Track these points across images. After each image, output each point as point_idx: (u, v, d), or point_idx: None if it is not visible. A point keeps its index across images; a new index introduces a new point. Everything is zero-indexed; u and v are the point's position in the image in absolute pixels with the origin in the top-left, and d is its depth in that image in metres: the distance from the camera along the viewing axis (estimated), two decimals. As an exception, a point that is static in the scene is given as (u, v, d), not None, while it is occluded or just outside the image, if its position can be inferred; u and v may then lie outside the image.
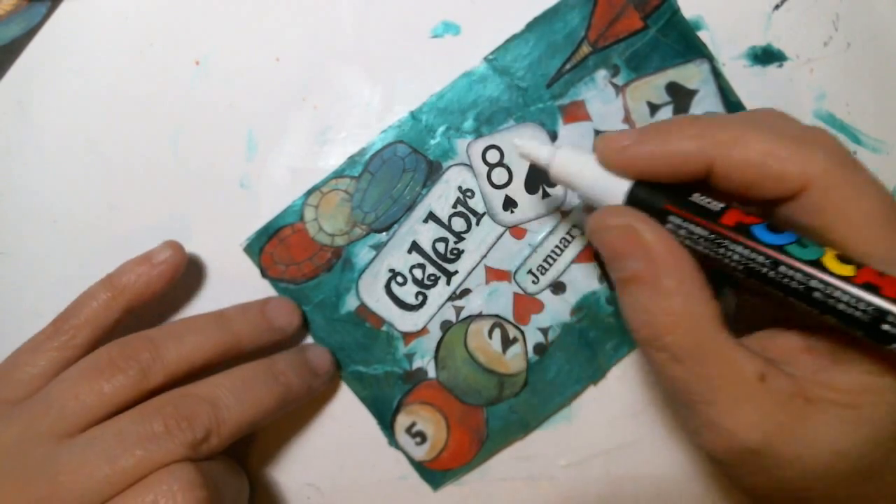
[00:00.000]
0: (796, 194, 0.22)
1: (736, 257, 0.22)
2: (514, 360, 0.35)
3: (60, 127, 0.32)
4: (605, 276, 0.34)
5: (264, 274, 0.33)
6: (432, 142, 0.33)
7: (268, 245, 0.33)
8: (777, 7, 0.34)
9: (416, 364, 0.34)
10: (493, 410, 0.35)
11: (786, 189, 0.22)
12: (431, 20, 0.33)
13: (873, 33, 0.35)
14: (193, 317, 0.31)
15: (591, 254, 0.34)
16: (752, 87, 0.34)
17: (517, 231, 0.34)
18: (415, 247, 0.34)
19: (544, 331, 0.35)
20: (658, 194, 0.24)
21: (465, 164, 0.34)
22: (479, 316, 0.35)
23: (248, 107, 0.32)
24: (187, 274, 0.33)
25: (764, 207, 0.23)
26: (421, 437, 0.34)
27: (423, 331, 0.34)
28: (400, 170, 0.33)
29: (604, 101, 0.34)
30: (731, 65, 0.34)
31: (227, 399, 0.28)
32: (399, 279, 0.34)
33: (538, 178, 0.34)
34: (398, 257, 0.34)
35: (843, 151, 0.22)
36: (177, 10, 0.32)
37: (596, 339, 0.34)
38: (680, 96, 0.34)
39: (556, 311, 0.34)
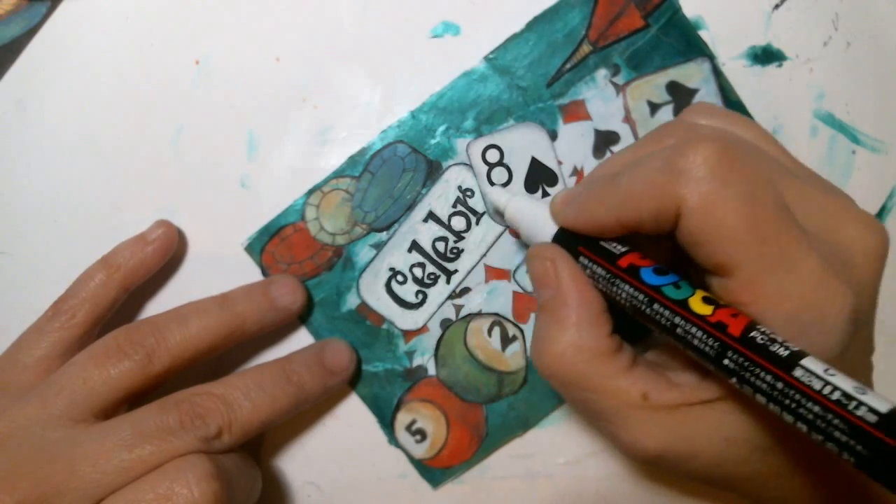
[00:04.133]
0: (675, 224, 0.24)
1: (624, 295, 0.25)
2: (513, 358, 0.35)
3: (61, 126, 0.32)
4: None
5: (265, 273, 0.33)
6: (432, 141, 0.33)
7: (269, 244, 0.33)
8: (777, 7, 0.34)
9: (417, 362, 0.35)
10: (493, 408, 0.35)
11: (664, 222, 0.24)
12: (431, 20, 0.33)
13: (873, 33, 0.35)
14: (198, 300, 0.31)
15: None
16: (752, 86, 0.34)
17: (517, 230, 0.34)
18: (415, 246, 0.34)
19: (544, 329, 0.35)
20: (575, 237, 0.27)
21: (465, 164, 0.34)
22: (479, 314, 0.35)
23: (248, 107, 0.32)
24: (188, 274, 0.33)
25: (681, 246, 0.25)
26: (421, 434, 0.35)
27: (423, 329, 0.34)
28: (400, 169, 0.33)
29: (604, 100, 0.34)
30: (731, 64, 0.34)
31: (241, 400, 0.29)
32: (399, 278, 0.34)
33: (538, 178, 0.34)
34: (398, 256, 0.34)
35: (712, 171, 0.23)
36: (177, 10, 0.32)
37: (595, 337, 0.34)
38: (680, 95, 0.34)
39: (555, 309, 0.35)
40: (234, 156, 0.33)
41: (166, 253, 0.32)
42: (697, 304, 0.23)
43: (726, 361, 0.22)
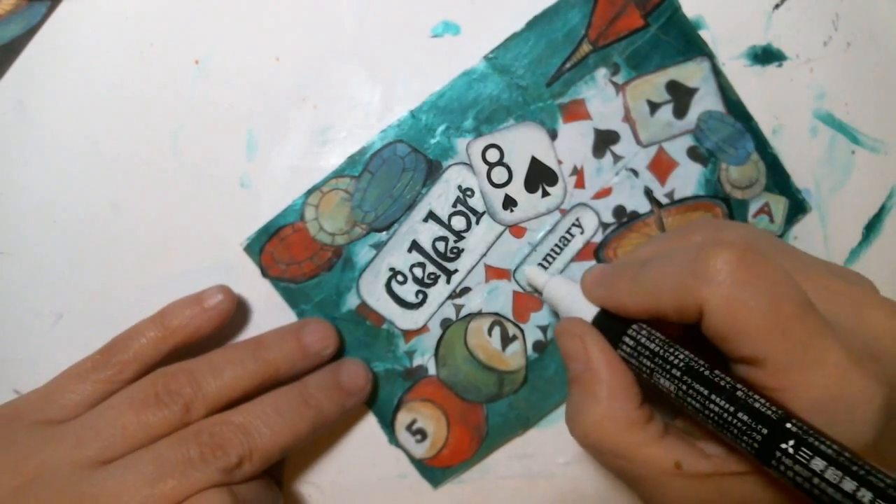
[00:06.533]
0: (698, 319, 0.25)
1: (681, 356, 0.26)
2: (513, 358, 0.35)
3: (60, 126, 0.32)
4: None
5: (265, 273, 0.33)
6: (432, 141, 0.33)
7: (268, 244, 0.33)
8: (777, 6, 0.34)
9: (417, 362, 0.35)
10: (493, 407, 0.35)
11: (687, 317, 0.25)
12: (431, 20, 0.33)
13: (873, 33, 0.35)
14: (231, 347, 0.32)
15: (591, 252, 0.35)
16: (752, 86, 0.34)
17: (517, 230, 0.34)
18: (415, 246, 0.34)
19: (543, 329, 0.35)
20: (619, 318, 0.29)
21: (465, 164, 0.34)
22: (479, 314, 0.35)
23: (248, 107, 0.32)
24: (188, 274, 0.33)
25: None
26: (421, 434, 0.35)
27: (423, 329, 0.34)
28: (400, 169, 0.33)
29: (604, 99, 0.34)
30: (731, 64, 0.34)
31: (260, 427, 0.29)
32: (399, 278, 0.34)
33: (538, 177, 0.34)
34: (398, 256, 0.34)
35: (732, 274, 0.24)
36: (177, 10, 0.32)
37: (595, 337, 0.35)
38: (680, 95, 0.34)
39: (555, 309, 0.35)
40: (234, 156, 0.33)
41: (223, 321, 0.32)
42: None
43: (789, 425, 0.22)
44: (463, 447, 0.35)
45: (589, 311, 0.30)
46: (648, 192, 0.35)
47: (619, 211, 0.35)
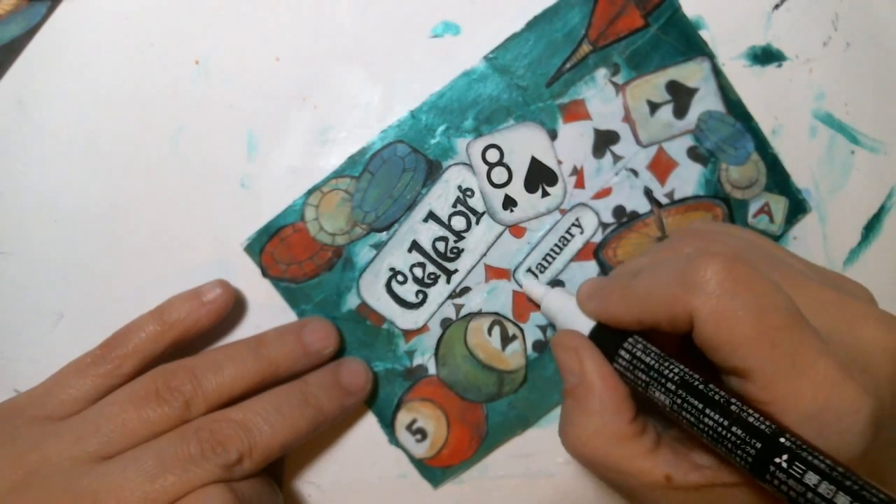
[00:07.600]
0: (690, 328, 0.25)
1: (676, 370, 0.26)
2: (513, 357, 0.35)
3: (61, 126, 0.32)
4: (603, 274, 0.35)
5: (265, 273, 0.33)
6: (432, 141, 0.33)
7: (268, 244, 0.33)
8: (777, 7, 0.34)
9: (417, 361, 0.35)
10: (493, 407, 0.35)
11: (679, 327, 0.25)
12: (431, 20, 0.33)
13: (872, 33, 0.35)
14: (231, 345, 0.32)
15: (591, 252, 0.35)
16: (752, 87, 0.34)
17: (516, 230, 0.34)
18: (415, 246, 0.34)
19: (543, 328, 0.35)
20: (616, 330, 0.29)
21: (465, 164, 0.34)
22: (479, 313, 0.35)
23: (248, 107, 0.32)
24: (188, 274, 0.33)
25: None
26: (421, 434, 0.35)
27: (423, 328, 0.35)
28: (400, 169, 0.33)
29: (604, 99, 0.34)
30: (731, 65, 0.34)
31: (260, 425, 0.29)
32: (399, 278, 0.34)
33: (538, 178, 0.34)
34: (398, 256, 0.34)
35: (721, 284, 0.24)
36: (177, 10, 0.32)
37: (595, 337, 0.35)
38: (680, 95, 0.34)
39: (555, 309, 0.35)
40: (234, 156, 0.33)
41: (221, 314, 0.32)
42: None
43: (782, 440, 0.23)
44: (463, 446, 0.35)
45: (586, 325, 0.30)
46: (648, 192, 0.35)
47: (618, 211, 0.35)
